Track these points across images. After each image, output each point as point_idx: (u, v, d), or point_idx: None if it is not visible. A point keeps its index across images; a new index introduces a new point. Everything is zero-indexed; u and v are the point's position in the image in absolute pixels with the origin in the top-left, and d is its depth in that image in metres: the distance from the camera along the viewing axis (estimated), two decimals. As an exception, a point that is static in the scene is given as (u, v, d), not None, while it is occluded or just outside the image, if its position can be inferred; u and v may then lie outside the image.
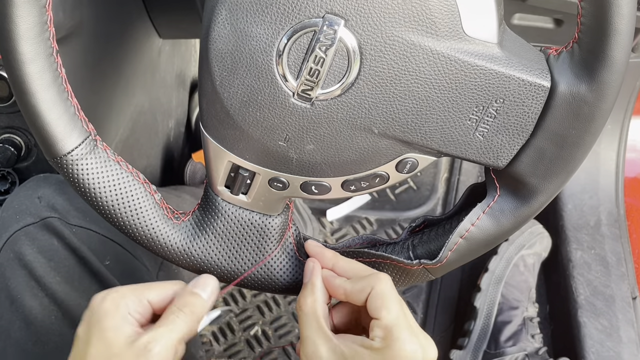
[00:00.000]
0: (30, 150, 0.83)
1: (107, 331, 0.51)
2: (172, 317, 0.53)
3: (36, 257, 0.70)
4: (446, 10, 0.48)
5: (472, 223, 0.54)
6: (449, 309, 1.24)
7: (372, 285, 0.54)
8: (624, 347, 1.07)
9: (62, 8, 0.71)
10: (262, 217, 0.58)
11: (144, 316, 0.54)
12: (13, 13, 0.48)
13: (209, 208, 0.58)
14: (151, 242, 0.58)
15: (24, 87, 0.51)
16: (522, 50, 0.51)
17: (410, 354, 0.52)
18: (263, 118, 0.52)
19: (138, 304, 0.53)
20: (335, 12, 0.48)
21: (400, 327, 0.53)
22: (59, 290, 0.69)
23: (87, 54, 0.82)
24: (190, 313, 0.53)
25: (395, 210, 1.35)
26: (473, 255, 0.56)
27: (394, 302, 0.54)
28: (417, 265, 0.57)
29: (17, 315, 0.69)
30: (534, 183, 0.52)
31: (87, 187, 0.55)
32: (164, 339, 0.51)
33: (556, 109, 0.49)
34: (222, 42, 0.50)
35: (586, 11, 0.46)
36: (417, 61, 0.49)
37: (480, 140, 0.51)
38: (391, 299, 0.54)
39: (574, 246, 1.18)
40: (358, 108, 0.51)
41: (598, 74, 0.47)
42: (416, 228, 0.61)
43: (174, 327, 0.52)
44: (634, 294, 1.13)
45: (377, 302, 0.53)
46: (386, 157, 0.53)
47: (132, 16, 0.94)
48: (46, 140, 0.53)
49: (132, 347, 0.51)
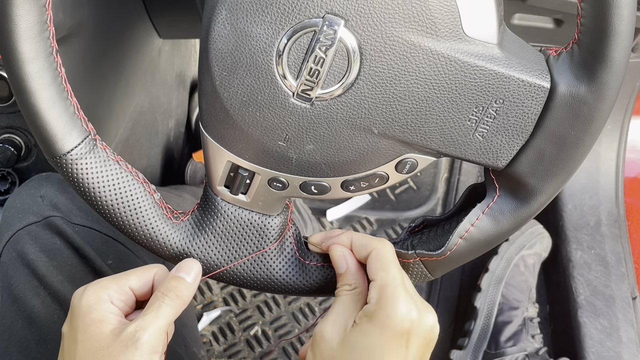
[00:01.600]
0: (30, 150, 0.83)
1: (92, 325, 0.51)
2: (158, 303, 0.52)
3: (39, 256, 0.70)
4: (446, 10, 0.48)
5: (472, 223, 0.54)
6: (449, 309, 1.24)
7: (374, 246, 0.54)
8: (624, 347, 1.07)
9: (62, 8, 0.71)
10: (261, 217, 0.58)
11: (127, 304, 0.53)
12: (13, 12, 0.49)
13: (208, 208, 0.58)
14: (150, 241, 0.58)
15: (24, 86, 0.51)
16: (522, 51, 0.51)
17: (405, 315, 0.50)
18: (263, 118, 0.52)
19: (120, 292, 0.53)
20: (335, 12, 0.48)
21: (395, 287, 0.51)
22: (61, 289, 0.69)
23: (87, 54, 0.82)
24: (175, 297, 0.53)
25: (395, 210, 1.35)
26: (472, 255, 0.56)
27: (393, 265, 0.53)
28: (412, 258, 0.57)
29: (20, 314, 0.69)
30: (533, 183, 0.52)
31: (87, 187, 0.55)
32: (151, 326, 0.51)
33: (556, 109, 0.49)
34: (222, 42, 0.50)
35: (586, 12, 0.46)
36: (417, 61, 0.49)
37: (479, 140, 0.51)
38: (390, 262, 0.53)
39: (574, 246, 1.18)
40: (358, 108, 0.51)
41: (598, 74, 0.47)
42: (415, 228, 0.61)
43: (160, 313, 0.52)
44: (634, 294, 1.13)
45: (376, 264, 0.53)
46: (386, 157, 0.53)
47: (132, 16, 0.94)
48: (46, 139, 0.53)
49: (119, 338, 0.50)
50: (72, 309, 0.52)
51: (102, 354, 0.50)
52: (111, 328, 0.51)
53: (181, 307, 0.53)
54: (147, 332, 0.50)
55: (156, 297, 0.53)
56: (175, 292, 0.53)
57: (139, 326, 0.50)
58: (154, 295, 0.53)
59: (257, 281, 0.60)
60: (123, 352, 0.50)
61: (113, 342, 0.50)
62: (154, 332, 0.51)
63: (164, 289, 0.53)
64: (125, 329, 0.50)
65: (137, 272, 0.55)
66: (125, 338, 0.50)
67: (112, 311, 0.52)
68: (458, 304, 1.24)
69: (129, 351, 0.50)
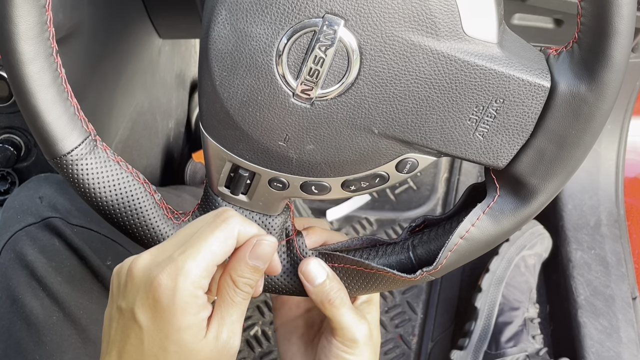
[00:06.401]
0: (30, 151, 0.83)
1: (185, 332, 0.48)
2: (238, 305, 0.51)
3: (37, 257, 0.70)
4: (446, 10, 0.48)
5: (472, 223, 0.54)
6: (450, 309, 1.24)
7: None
8: (624, 348, 1.07)
9: (62, 8, 0.71)
10: (262, 217, 0.58)
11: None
12: (13, 13, 0.48)
13: (208, 208, 0.58)
14: (150, 242, 0.58)
15: (24, 87, 0.51)
16: (522, 50, 0.51)
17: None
18: (263, 118, 0.52)
19: (209, 278, 0.49)
20: (335, 12, 0.48)
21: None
22: (60, 290, 0.69)
23: (87, 54, 0.82)
24: (245, 286, 0.51)
25: (395, 210, 1.35)
26: (473, 255, 0.56)
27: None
28: (420, 276, 0.56)
29: (18, 315, 0.69)
30: (533, 183, 0.52)
31: (87, 187, 0.55)
32: (237, 330, 0.50)
33: (556, 109, 0.49)
34: (222, 42, 0.50)
35: (586, 11, 0.46)
36: (417, 61, 0.49)
37: (480, 140, 0.51)
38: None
39: (574, 246, 1.18)
40: (358, 108, 0.51)
41: (598, 74, 0.47)
42: (416, 228, 0.61)
43: (235, 311, 0.51)
44: (634, 294, 1.13)
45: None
46: (386, 157, 0.53)
47: (132, 16, 0.94)
48: (46, 140, 0.53)
49: (216, 345, 0.49)
50: (160, 303, 0.47)
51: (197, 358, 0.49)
52: (203, 332, 0.49)
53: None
54: (237, 337, 0.50)
55: (234, 292, 0.50)
56: (251, 285, 0.51)
57: (230, 332, 0.50)
58: (233, 291, 0.50)
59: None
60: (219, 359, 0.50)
61: (207, 349, 0.49)
62: (238, 335, 0.51)
63: (242, 283, 0.50)
64: (219, 337, 0.50)
65: (222, 245, 0.49)
66: (221, 348, 0.50)
67: (204, 312, 0.49)
68: (458, 305, 1.24)
69: (224, 358, 0.50)
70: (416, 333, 1.22)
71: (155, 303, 0.47)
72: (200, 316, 0.49)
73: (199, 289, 0.48)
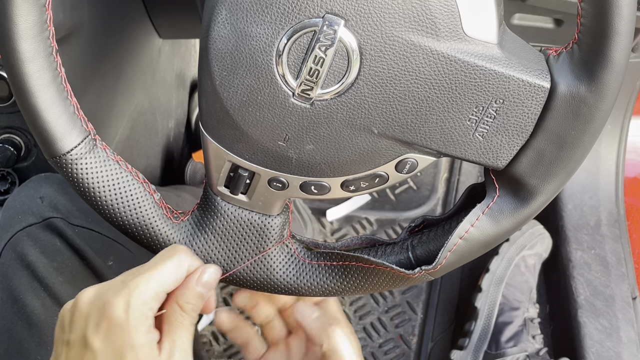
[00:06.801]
0: (30, 150, 0.83)
1: (140, 350, 0.49)
2: (184, 328, 0.53)
3: (39, 258, 0.70)
4: (446, 10, 0.48)
5: (472, 224, 0.54)
6: (450, 309, 1.24)
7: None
8: (624, 347, 1.07)
9: (62, 8, 0.71)
10: (261, 217, 0.58)
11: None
12: (13, 12, 0.49)
13: (208, 208, 0.58)
14: (150, 241, 0.58)
15: (24, 86, 0.51)
16: (522, 51, 0.51)
17: None
18: (263, 118, 0.52)
19: (158, 301, 0.51)
20: (335, 12, 0.48)
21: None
22: (61, 290, 0.69)
23: (87, 54, 0.82)
24: (192, 311, 0.53)
25: (395, 210, 1.35)
26: (472, 255, 0.56)
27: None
28: (418, 274, 0.56)
29: (20, 315, 0.69)
30: (533, 184, 0.52)
31: (86, 187, 0.55)
32: (187, 353, 0.52)
33: (556, 109, 0.49)
34: (222, 42, 0.50)
35: (586, 12, 0.46)
36: (417, 61, 0.49)
37: (479, 140, 0.51)
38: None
39: (574, 246, 1.18)
40: (358, 108, 0.51)
41: (598, 74, 0.47)
42: (415, 228, 0.61)
43: (183, 333, 0.52)
44: (634, 294, 1.13)
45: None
46: (386, 157, 0.53)
47: (132, 16, 0.95)
48: (45, 139, 0.53)
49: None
50: (113, 324, 0.49)
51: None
52: (165, 355, 0.51)
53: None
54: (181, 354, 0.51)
55: (182, 317, 0.53)
56: (192, 307, 0.53)
57: (182, 352, 0.51)
58: (180, 315, 0.52)
59: (258, 281, 0.60)
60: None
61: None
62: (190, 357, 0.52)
63: (189, 309, 0.53)
64: (172, 357, 0.51)
65: (172, 274, 0.52)
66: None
67: (156, 335, 0.51)
68: (458, 304, 1.24)
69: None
70: (416, 333, 1.22)
71: (109, 322, 0.49)
72: (151, 336, 0.50)
73: (149, 310, 0.50)
